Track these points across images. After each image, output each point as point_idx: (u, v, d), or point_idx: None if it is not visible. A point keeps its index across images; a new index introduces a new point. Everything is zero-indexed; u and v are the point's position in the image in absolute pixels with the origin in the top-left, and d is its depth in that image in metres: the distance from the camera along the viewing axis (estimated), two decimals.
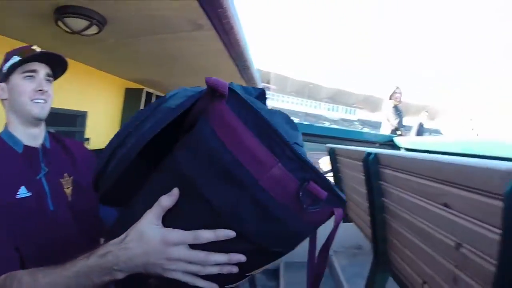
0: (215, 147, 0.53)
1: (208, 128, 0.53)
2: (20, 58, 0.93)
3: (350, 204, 1.81)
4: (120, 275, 0.58)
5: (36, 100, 0.96)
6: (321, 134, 4.02)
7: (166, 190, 0.55)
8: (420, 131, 6.77)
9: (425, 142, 3.24)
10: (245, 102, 0.54)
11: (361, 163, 1.19)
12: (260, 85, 4.98)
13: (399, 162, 0.92)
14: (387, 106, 5.10)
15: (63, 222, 1.00)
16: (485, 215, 0.58)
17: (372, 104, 47.74)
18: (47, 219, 0.96)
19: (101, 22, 2.17)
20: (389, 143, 3.50)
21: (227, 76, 3.74)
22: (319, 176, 0.54)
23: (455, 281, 0.72)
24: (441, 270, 0.79)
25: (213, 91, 0.54)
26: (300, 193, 0.52)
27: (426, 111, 7.27)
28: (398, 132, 5.01)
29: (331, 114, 53.49)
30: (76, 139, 3.67)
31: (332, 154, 1.79)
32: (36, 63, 0.97)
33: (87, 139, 3.87)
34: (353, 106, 55.87)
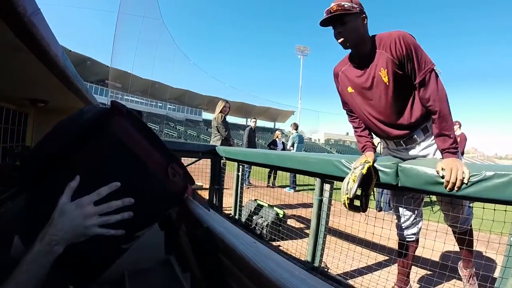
0: (120, 142, 0.89)
1: (114, 131, 0.91)
2: None
3: None
4: (59, 249, 0.75)
5: None
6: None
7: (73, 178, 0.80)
8: (251, 136, 7.86)
9: (235, 152, 3.88)
10: (135, 116, 0.96)
11: None
12: (90, 94, 4.87)
13: None
14: (218, 119, 5.64)
15: None
16: None
17: (216, 105, 50.45)
18: None
19: None
20: (212, 152, 3.99)
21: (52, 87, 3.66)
22: (178, 161, 1.02)
23: None
24: None
25: (116, 110, 0.92)
26: (168, 169, 0.99)
27: (254, 118, 8.41)
28: (230, 142, 5.66)
29: (176, 115, 54.06)
30: None
31: None
32: None
33: None
34: (198, 107, 57.76)
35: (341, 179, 1.95)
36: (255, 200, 4.15)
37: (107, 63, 42.17)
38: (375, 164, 1.88)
